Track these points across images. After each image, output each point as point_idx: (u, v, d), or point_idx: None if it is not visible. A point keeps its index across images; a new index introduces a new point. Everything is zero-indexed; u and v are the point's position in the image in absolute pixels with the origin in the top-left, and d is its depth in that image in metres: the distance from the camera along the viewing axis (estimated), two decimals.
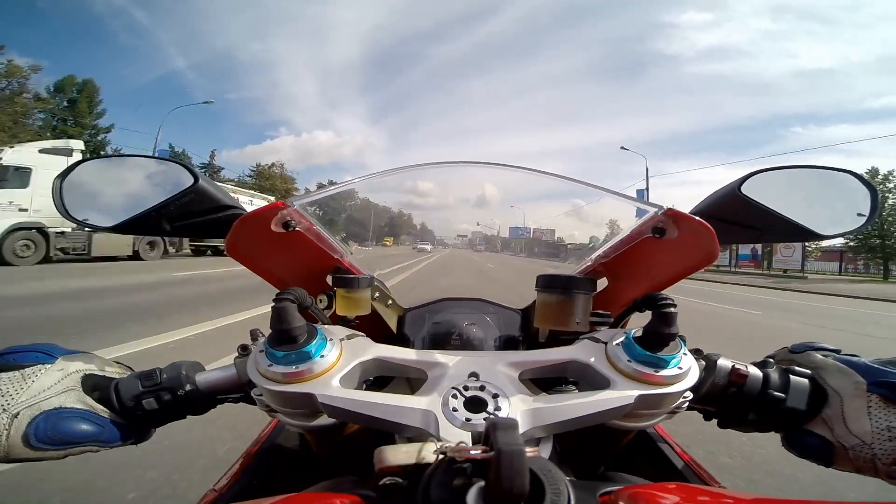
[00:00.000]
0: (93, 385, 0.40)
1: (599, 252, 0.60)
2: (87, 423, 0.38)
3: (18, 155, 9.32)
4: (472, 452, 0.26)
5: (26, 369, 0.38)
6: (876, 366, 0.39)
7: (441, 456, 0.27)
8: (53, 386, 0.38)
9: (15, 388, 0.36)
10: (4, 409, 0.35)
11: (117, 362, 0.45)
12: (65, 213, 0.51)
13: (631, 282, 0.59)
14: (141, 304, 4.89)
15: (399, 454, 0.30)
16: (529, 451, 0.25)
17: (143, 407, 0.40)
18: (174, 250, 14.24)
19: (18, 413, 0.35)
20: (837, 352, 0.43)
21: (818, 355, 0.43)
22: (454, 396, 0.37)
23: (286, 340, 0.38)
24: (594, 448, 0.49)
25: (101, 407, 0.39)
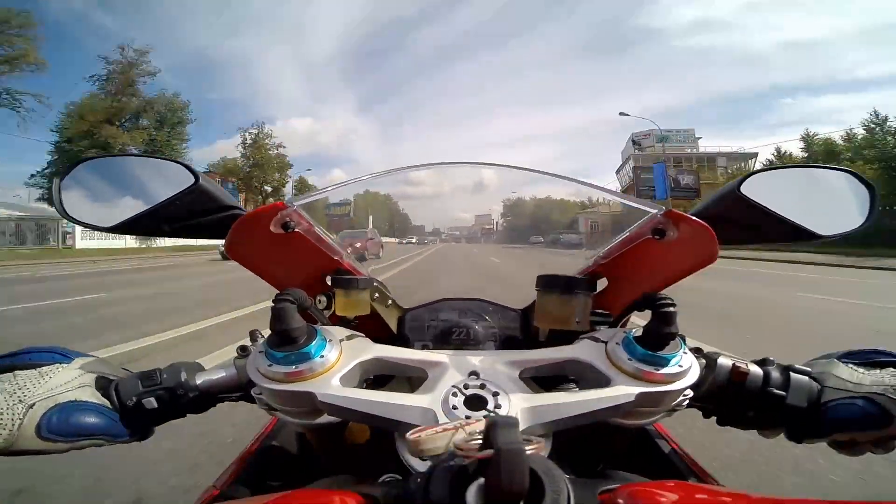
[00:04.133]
0: (103, 385, 0.41)
1: (599, 253, 0.60)
2: (98, 417, 0.39)
3: None
4: (472, 451, 0.26)
5: (43, 368, 0.39)
6: (831, 352, 0.44)
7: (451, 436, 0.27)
8: (70, 381, 0.39)
9: (32, 382, 0.37)
10: (21, 400, 0.36)
11: (124, 368, 0.45)
12: (63, 213, 0.50)
13: (631, 282, 0.59)
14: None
15: (436, 439, 0.28)
16: (529, 449, 0.25)
17: (143, 406, 0.41)
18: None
19: (34, 404, 0.36)
20: None
21: (796, 364, 0.44)
22: (454, 395, 0.37)
23: (286, 341, 0.38)
24: (594, 446, 0.50)
25: (109, 403, 0.40)
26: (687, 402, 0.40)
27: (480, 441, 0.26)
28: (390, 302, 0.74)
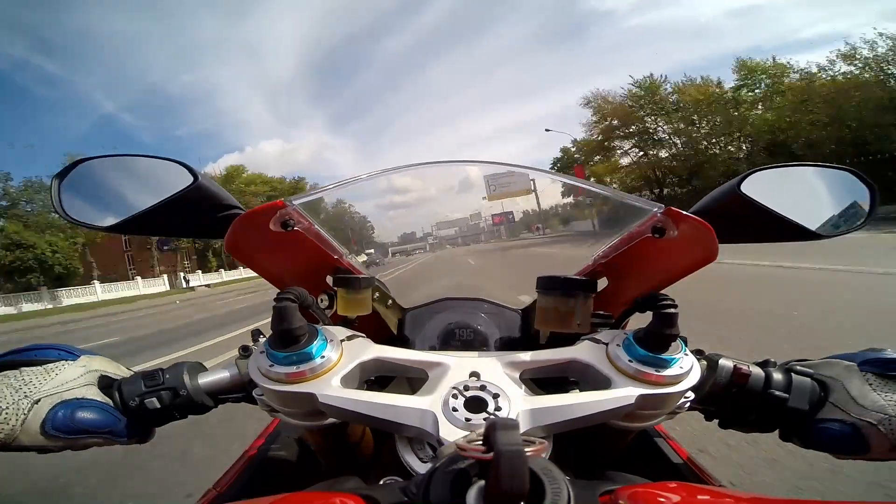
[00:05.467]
0: (107, 384, 0.41)
1: (599, 252, 0.60)
2: (103, 415, 0.39)
3: None
4: (473, 452, 0.26)
5: (49, 364, 0.39)
6: (855, 352, 0.41)
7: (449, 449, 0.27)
8: (76, 379, 0.39)
9: (38, 379, 0.37)
10: (27, 396, 0.36)
11: (129, 369, 0.45)
12: (63, 213, 0.50)
13: (631, 282, 0.59)
14: None
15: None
16: (530, 451, 0.25)
17: (145, 407, 0.41)
18: None
19: (40, 400, 0.36)
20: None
21: (797, 366, 0.43)
22: (454, 396, 0.37)
23: (287, 341, 0.38)
24: (594, 448, 0.50)
25: (112, 402, 0.40)
26: (688, 404, 0.40)
27: (481, 443, 0.26)
28: (391, 302, 0.74)
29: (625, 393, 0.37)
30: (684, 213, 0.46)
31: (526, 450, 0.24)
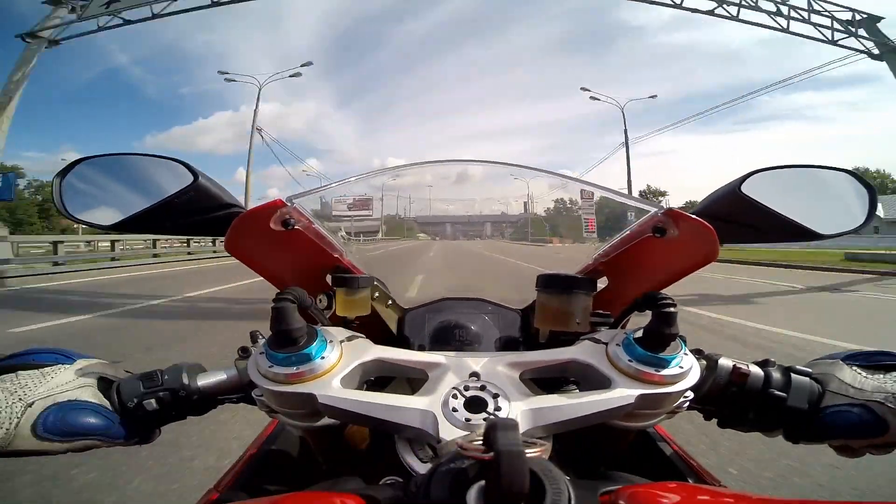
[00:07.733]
0: (104, 387, 0.41)
1: (599, 251, 0.60)
2: (96, 417, 0.39)
3: None
4: (473, 453, 0.26)
5: (46, 368, 0.39)
6: (837, 353, 0.44)
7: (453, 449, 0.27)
8: (71, 381, 0.39)
9: (34, 382, 0.37)
10: (21, 399, 0.36)
11: (126, 371, 0.45)
12: (64, 212, 0.51)
13: (631, 281, 0.59)
14: None
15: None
16: (532, 452, 0.25)
17: (144, 408, 0.41)
18: None
19: (33, 403, 0.36)
20: None
21: (796, 366, 0.44)
22: (454, 397, 0.37)
23: (286, 342, 0.38)
24: (594, 447, 0.50)
25: (110, 404, 0.40)
26: (688, 404, 0.40)
27: (481, 443, 0.26)
28: (390, 302, 0.74)
29: (624, 393, 0.37)
30: (685, 213, 0.46)
31: (526, 450, 0.24)
